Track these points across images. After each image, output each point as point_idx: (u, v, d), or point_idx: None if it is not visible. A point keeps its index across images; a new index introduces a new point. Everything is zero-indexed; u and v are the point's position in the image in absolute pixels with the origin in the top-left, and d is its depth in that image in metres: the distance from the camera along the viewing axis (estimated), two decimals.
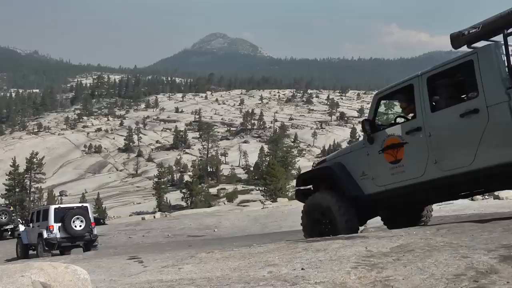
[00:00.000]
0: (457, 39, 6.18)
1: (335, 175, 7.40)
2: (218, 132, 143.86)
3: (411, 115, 6.83)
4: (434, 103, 6.41)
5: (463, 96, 6.29)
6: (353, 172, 7.24)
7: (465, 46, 6.13)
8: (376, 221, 8.62)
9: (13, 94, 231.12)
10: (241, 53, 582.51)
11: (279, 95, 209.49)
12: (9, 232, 29.44)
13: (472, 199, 19.77)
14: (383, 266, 3.83)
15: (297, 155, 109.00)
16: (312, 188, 7.98)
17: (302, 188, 8.22)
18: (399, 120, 7.14)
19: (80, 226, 18.04)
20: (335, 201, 7.17)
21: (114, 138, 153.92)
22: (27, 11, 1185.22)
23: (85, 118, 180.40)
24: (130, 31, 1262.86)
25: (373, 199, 7.08)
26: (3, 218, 29.26)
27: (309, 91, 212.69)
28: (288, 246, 5.60)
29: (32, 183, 64.29)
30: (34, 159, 64.92)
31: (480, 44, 6.10)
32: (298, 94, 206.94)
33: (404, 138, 6.55)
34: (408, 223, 7.38)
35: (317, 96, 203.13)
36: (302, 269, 4.03)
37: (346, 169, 7.33)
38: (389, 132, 6.80)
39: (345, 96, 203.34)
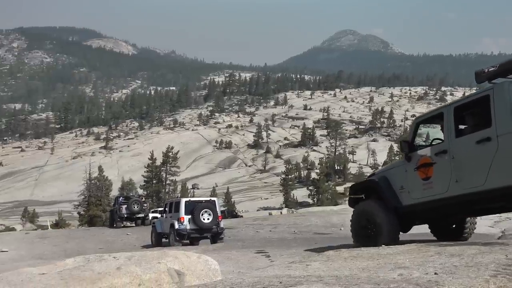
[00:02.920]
0: (479, 75, 7.16)
1: (379, 187, 8.56)
2: (346, 130, 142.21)
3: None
4: (458, 130, 7.43)
5: (481, 125, 7.03)
6: (394, 185, 8.37)
7: (487, 81, 7.06)
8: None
9: (152, 92, 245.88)
10: (371, 49, 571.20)
11: (410, 93, 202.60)
12: (140, 220, 32.12)
13: None
14: None
15: None
16: (364, 197, 9.15)
17: (354, 196, 9.47)
18: (435, 142, 8.12)
19: (208, 219, 18.88)
20: (379, 209, 8.30)
21: (244, 135, 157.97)
22: (166, 14, 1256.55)
23: (217, 114, 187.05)
24: (261, 30, 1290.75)
25: (408, 210, 8.13)
26: (135, 207, 32.04)
27: (443, 88, 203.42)
28: (419, 249, 5.41)
29: (167, 176, 67.65)
30: (170, 153, 68.09)
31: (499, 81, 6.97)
32: (431, 92, 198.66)
33: (434, 158, 7.60)
34: (453, 234, 8.84)
35: (451, 94, 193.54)
36: (435, 273, 3.86)
37: (389, 182, 8.47)
38: (422, 153, 7.94)
39: None
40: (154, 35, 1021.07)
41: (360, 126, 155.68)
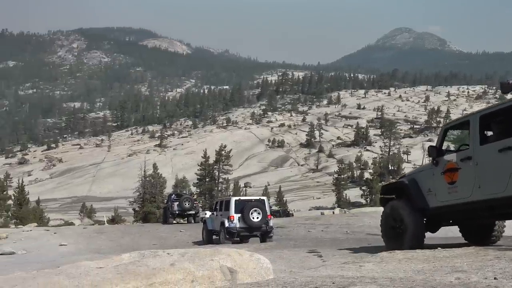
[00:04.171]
0: (504, 86, 7.41)
1: (408, 189, 8.98)
2: (400, 130, 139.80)
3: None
4: (483, 138, 7.75)
5: (504, 134, 7.27)
6: (422, 188, 8.76)
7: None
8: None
9: (206, 91, 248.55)
10: (427, 47, 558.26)
11: (468, 92, 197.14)
12: (191, 217, 33.07)
13: None
14: None
15: None
16: (395, 197, 9.50)
17: (385, 196, 9.88)
18: (462, 148, 8.52)
19: (258, 218, 19.21)
20: (407, 209, 8.72)
21: (296, 134, 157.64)
22: (220, 13, 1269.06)
23: (269, 113, 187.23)
24: (314, 28, 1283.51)
25: (435, 212, 8.54)
26: (186, 204, 32.89)
27: None
28: (477, 253, 5.26)
29: (220, 174, 68.11)
30: (223, 152, 68.52)
31: None
32: (490, 91, 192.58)
33: (459, 164, 7.93)
34: (482, 237, 9.11)
35: None
36: (495, 278, 3.73)
37: (418, 184, 8.88)
38: (449, 158, 8.29)
39: None
40: (208, 34, 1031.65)
41: (415, 126, 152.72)
